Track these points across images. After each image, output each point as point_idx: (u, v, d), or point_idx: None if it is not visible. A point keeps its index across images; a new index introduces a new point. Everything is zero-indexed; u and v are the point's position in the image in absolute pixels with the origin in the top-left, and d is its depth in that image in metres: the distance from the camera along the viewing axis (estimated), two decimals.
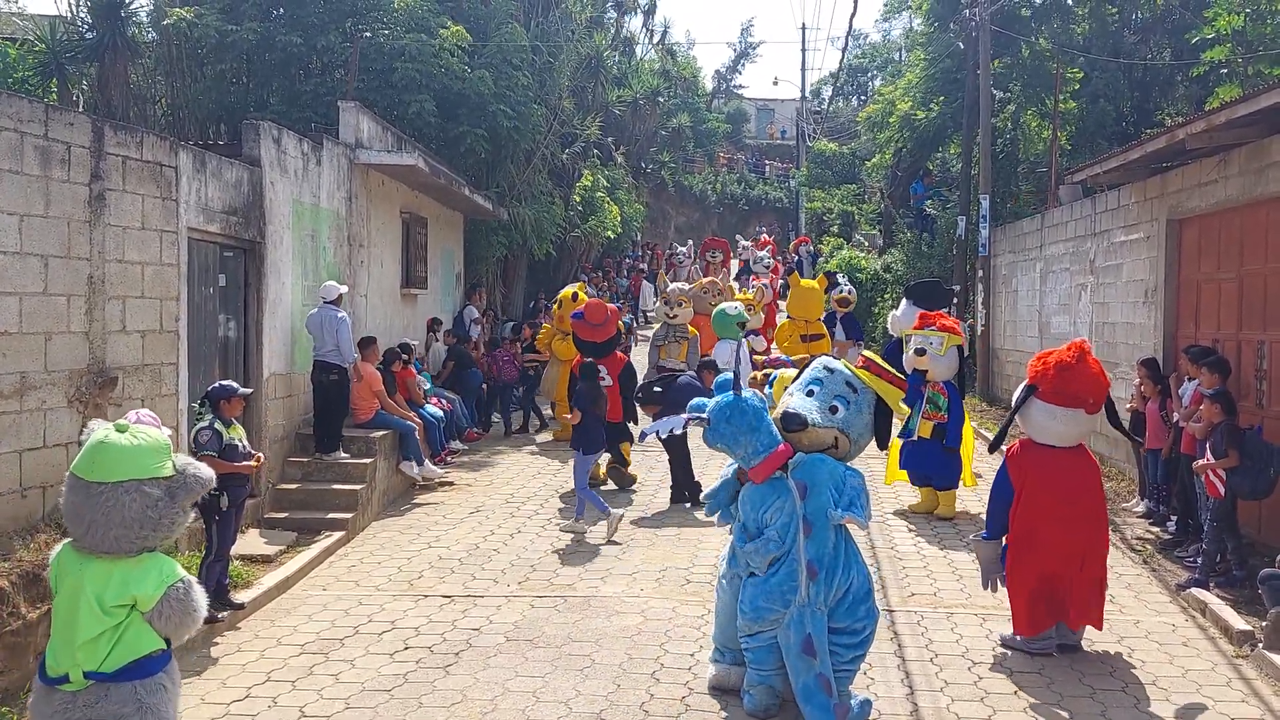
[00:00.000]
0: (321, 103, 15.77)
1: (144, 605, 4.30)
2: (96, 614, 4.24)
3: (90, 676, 4.24)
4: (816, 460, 5.81)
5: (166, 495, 4.40)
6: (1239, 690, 6.39)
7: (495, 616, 7.60)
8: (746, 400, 5.91)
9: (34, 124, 6.96)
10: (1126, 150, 11.59)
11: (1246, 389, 9.31)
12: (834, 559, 5.73)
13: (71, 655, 4.24)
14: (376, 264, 13.85)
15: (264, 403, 10.12)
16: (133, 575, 4.31)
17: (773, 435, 5.85)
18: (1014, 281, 17.48)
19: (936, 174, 25.58)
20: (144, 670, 4.32)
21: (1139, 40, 20.58)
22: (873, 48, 46.63)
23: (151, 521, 4.36)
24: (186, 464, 4.52)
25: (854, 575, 5.78)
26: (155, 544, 4.44)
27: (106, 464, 4.33)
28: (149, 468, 4.39)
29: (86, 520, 4.31)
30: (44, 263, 7.03)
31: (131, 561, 4.34)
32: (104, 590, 4.26)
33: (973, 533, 9.83)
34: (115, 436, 4.39)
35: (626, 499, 11.32)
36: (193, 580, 4.49)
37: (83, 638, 4.23)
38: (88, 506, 4.31)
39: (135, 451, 4.38)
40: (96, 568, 4.30)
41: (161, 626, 4.35)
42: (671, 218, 45.05)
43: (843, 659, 5.74)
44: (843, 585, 5.74)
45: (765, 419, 5.89)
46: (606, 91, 26.38)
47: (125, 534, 4.31)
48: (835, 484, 5.71)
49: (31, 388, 6.88)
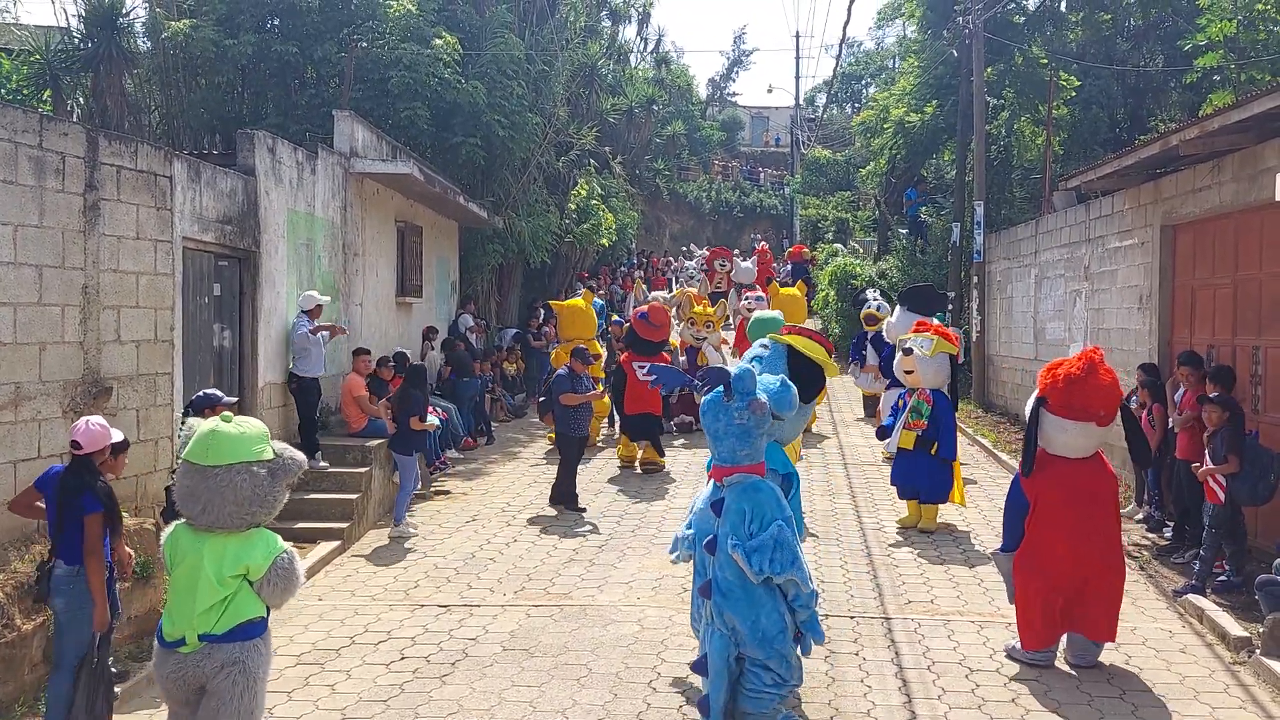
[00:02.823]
0: (317, 113, 15.77)
1: (254, 574, 4.97)
2: (214, 585, 4.90)
3: (203, 639, 4.92)
4: (753, 488, 5.58)
5: (269, 475, 5.04)
6: (1236, 697, 6.39)
7: (491, 626, 7.58)
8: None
9: (28, 134, 6.95)
10: (1120, 156, 11.62)
11: (1242, 394, 9.32)
12: (740, 589, 5.49)
13: (190, 621, 4.92)
14: (371, 273, 13.84)
15: (259, 412, 10.09)
16: (244, 548, 4.97)
17: (760, 451, 5.68)
18: (1009, 288, 17.50)
19: (931, 181, 25.62)
20: (246, 633, 4.97)
21: (1132, 47, 20.67)
22: (866, 55, 46.70)
23: (259, 499, 5.01)
24: (283, 449, 5.17)
25: (760, 615, 5.49)
26: (261, 520, 5.07)
27: (220, 450, 4.95)
28: (255, 451, 5.03)
29: (203, 501, 4.94)
30: (38, 273, 7.02)
31: (242, 536, 5.00)
32: (221, 563, 4.92)
33: (962, 543, 9.87)
34: (225, 426, 5.03)
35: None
36: (295, 553, 5.16)
37: (201, 606, 4.90)
38: (204, 488, 4.93)
39: (243, 438, 5.01)
40: (213, 543, 4.95)
41: (268, 594, 5.02)
42: (666, 225, 45.10)
43: (761, 681, 5.54)
44: (746, 618, 5.49)
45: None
46: (601, 100, 26.40)
47: (237, 511, 4.95)
48: (757, 519, 5.49)
49: (26, 398, 6.86)
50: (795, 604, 5.54)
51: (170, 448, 8.28)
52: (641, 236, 38.18)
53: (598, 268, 28.80)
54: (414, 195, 15.24)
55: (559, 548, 9.71)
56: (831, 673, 6.72)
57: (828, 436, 15.66)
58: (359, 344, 13.11)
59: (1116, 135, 19.93)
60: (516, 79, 18.07)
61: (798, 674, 5.67)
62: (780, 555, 5.40)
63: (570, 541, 9.93)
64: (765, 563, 5.38)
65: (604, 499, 11.70)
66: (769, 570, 5.39)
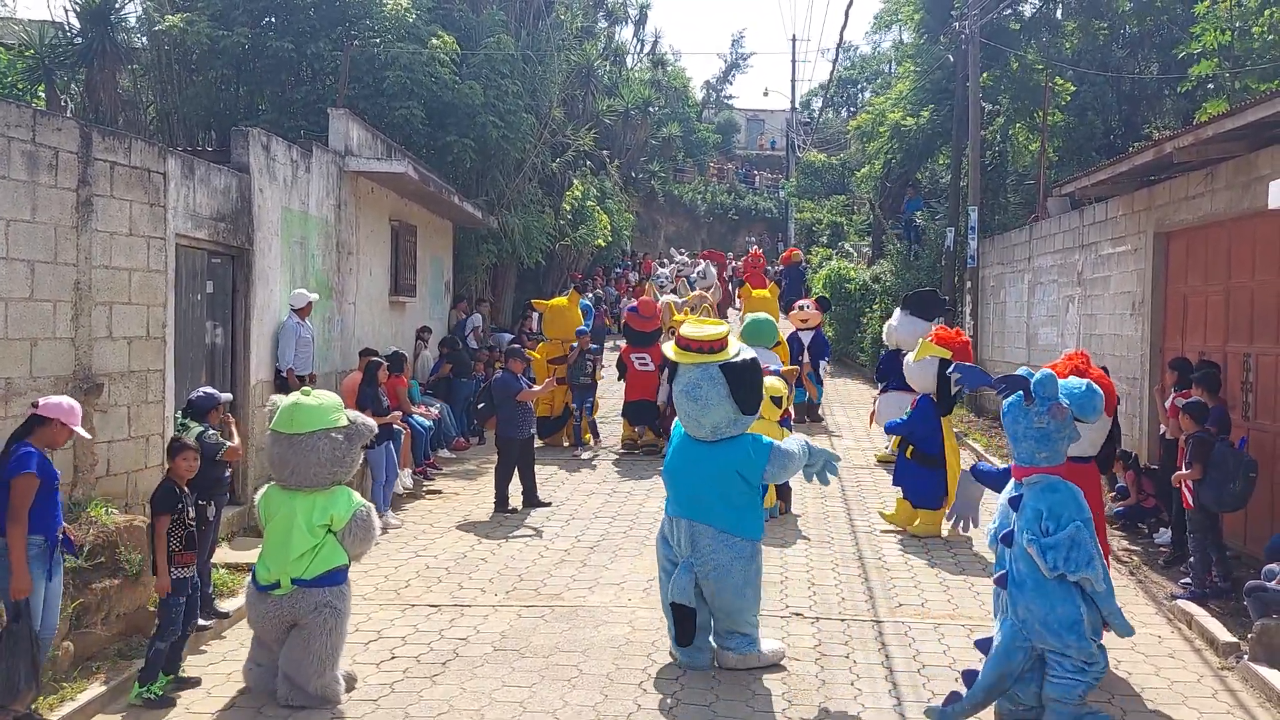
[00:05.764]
0: (312, 110, 15.74)
1: (337, 525, 6.02)
2: (305, 534, 5.93)
3: (295, 583, 5.93)
4: (1051, 488, 5.75)
5: (346, 440, 6.09)
6: (1225, 702, 6.41)
7: (482, 626, 7.57)
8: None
9: (21, 129, 6.92)
10: (1114, 163, 11.65)
11: (1233, 401, 9.35)
12: (1033, 582, 5.72)
13: (284, 567, 5.95)
14: (365, 272, 13.82)
15: (250, 410, 10.07)
16: (330, 502, 6.04)
17: (1061, 454, 5.84)
18: (1002, 293, 17.54)
19: (926, 185, 25.66)
20: (333, 579, 6.03)
21: (1127, 54, 20.74)
22: (863, 59, 46.78)
23: (338, 459, 6.07)
24: (356, 416, 6.26)
25: (1053, 607, 5.67)
26: (341, 478, 6.15)
27: (302, 419, 6.02)
28: (331, 420, 6.07)
29: (291, 465, 6.02)
30: (30, 268, 6.99)
31: (327, 493, 6.06)
32: (311, 515, 5.98)
33: (954, 547, 9.88)
34: (305, 400, 6.12)
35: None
36: (371, 507, 6.23)
37: (295, 553, 5.93)
38: (291, 454, 6.01)
39: (320, 409, 6.07)
40: (303, 499, 6.02)
41: (349, 542, 6.06)
42: (662, 227, 45.11)
43: (1063, 669, 5.68)
44: (1039, 609, 5.69)
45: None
46: (597, 101, 26.40)
47: (320, 471, 6.02)
48: (1053, 518, 5.68)
49: (16, 394, 6.83)
50: (1095, 601, 5.68)
51: (161, 445, 8.24)
52: (637, 239, 38.17)
53: (592, 269, 28.81)
54: (408, 194, 15.22)
55: (551, 548, 9.70)
56: (822, 675, 6.73)
57: (818, 436, 15.68)
58: (353, 343, 13.12)
59: (1111, 142, 19.99)
60: (511, 79, 18.07)
61: (1101, 663, 5.75)
62: (1075, 555, 5.57)
63: (562, 543, 9.92)
64: (1060, 560, 5.58)
65: (596, 500, 11.69)
66: (1063, 568, 5.59)
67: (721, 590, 6.68)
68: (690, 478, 6.80)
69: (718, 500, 6.69)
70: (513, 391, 11.17)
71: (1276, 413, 8.88)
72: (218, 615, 7.48)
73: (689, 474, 6.81)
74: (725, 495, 6.69)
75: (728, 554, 6.66)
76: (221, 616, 7.49)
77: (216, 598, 7.66)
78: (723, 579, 6.65)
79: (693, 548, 6.72)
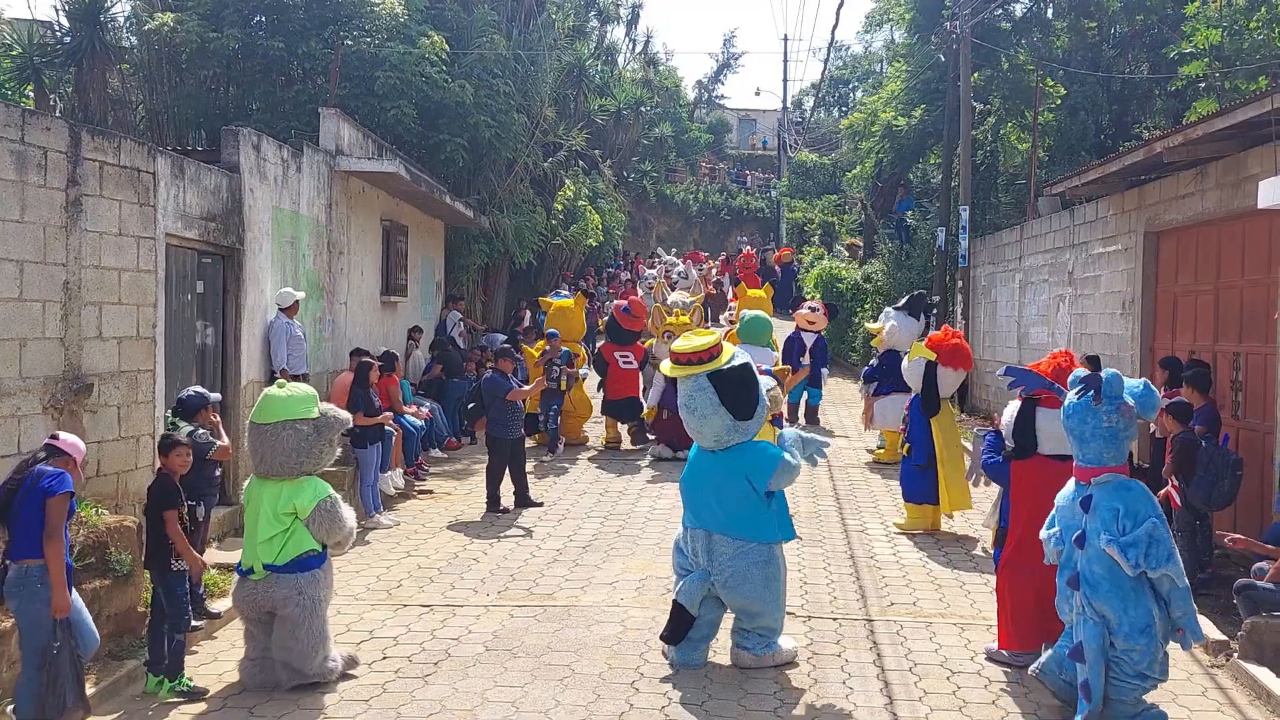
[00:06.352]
0: (303, 110, 15.69)
1: (302, 514, 6.17)
2: (270, 519, 6.14)
3: (268, 568, 6.14)
4: (1123, 486, 5.79)
5: (314, 431, 6.22)
6: (1214, 700, 6.43)
7: (474, 626, 7.56)
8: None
9: (9, 128, 6.90)
10: (1105, 163, 11.68)
11: (1223, 400, 9.39)
12: (1108, 582, 5.72)
13: (254, 552, 6.17)
14: (356, 271, 13.80)
15: (241, 410, 10.04)
16: (294, 491, 6.19)
17: (1123, 453, 5.86)
18: (993, 292, 17.58)
19: (917, 185, 25.70)
20: (304, 565, 6.19)
21: (1118, 54, 20.76)
22: (854, 59, 46.80)
23: (304, 450, 6.20)
24: (329, 408, 6.39)
25: (1128, 607, 5.69)
26: (310, 469, 6.28)
27: (268, 410, 6.22)
28: (298, 411, 6.21)
29: (260, 453, 6.22)
30: (19, 268, 6.96)
31: (294, 482, 6.23)
32: (275, 502, 6.17)
33: (946, 546, 9.90)
34: (274, 391, 6.30)
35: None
36: (339, 498, 6.35)
37: (262, 537, 6.14)
38: (260, 442, 6.21)
39: (288, 400, 6.23)
40: (271, 487, 6.23)
41: (315, 531, 6.21)
42: (653, 227, 45.05)
43: (1122, 671, 5.72)
44: (1116, 608, 5.72)
45: None
46: (589, 101, 26.37)
47: (286, 460, 6.18)
48: (1130, 516, 5.71)
49: (5, 394, 6.81)
50: (1171, 599, 5.66)
51: (151, 445, 8.21)
52: (628, 238, 38.13)
53: (583, 269, 28.79)
54: (400, 194, 15.20)
55: (543, 548, 9.69)
56: (814, 674, 6.74)
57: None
58: (344, 343, 13.09)
59: (1101, 142, 20.02)
60: (503, 78, 18.05)
61: (1162, 669, 5.77)
62: (1156, 551, 5.58)
63: (554, 542, 9.92)
64: (1141, 557, 5.58)
65: (588, 500, 11.69)
66: (1145, 565, 5.59)
67: (744, 595, 6.74)
68: (704, 488, 6.89)
69: (731, 507, 6.76)
70: (502, 391, 11.16)
71: (1265, 411, 8.91)
72: (209, 616, 7.45)
73: (703, 484, 6.91)
74: (737, 501, 6.75)
75: (744, 560, 6.72)
76: (213, 617, 7.47)
77: (207, 598, 7.63)
78: (742, 584, 6.71)
79: (710, 558, 6.79)
